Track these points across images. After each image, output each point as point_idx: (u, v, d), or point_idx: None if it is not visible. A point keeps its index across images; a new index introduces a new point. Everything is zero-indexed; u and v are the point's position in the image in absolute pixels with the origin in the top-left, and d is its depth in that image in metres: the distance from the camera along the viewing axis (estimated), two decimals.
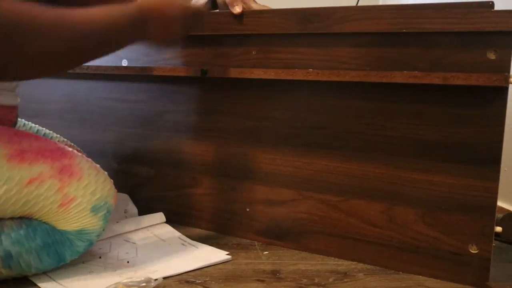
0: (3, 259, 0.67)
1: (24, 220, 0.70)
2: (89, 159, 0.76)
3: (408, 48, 0.72)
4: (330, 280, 0.74)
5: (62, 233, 0.71)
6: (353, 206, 0.80)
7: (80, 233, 0.71)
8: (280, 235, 0.87)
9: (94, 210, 0.71)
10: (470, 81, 0.67)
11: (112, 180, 0.76)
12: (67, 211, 0.70)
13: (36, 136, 0.73)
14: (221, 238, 0.91)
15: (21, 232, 0.68)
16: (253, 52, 0.84)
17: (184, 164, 0.96)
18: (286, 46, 0.81)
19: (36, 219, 0.70)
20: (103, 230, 0.74)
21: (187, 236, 0.89)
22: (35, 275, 0.71)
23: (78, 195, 0.70)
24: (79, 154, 0.75)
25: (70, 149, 0.75)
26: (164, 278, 0.71)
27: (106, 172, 0.76)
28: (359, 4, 0.86)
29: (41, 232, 0.69)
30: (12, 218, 0.69)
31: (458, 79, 0.68)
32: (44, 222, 0.71)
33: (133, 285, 0.66)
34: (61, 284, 0.69)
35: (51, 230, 0.70)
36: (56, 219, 0.70)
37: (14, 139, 0.69)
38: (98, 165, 0.76)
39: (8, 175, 0.66)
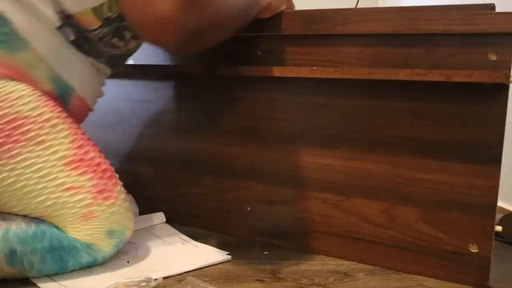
0: (8, 255, 0.67)
1: (35, 220, 0.71)
2: (124, 190, 0.77)
3: (410, 49, 0.72)
4: (330, 280, 0.74)
5: (71, 240, 0.71)
6: (354, 205, 0.80)
7: (88, 246, 0.72)
8: (281, 235, 0.87)
9: (110, 234, 0.73)
10: (472, 78, 0.67)
11: (134, 215, 0.78)
12: (85, 224, 0.71)
13: (94, 145, 0.75)
14: (221, 238, 0.90)
15: (30, 232, 0.69)
16: (258, 53, 0.84)
17: (185, 164, 0.96)
18: (291, 47, 0.81)
19: (48, 222, 0.71)
20: (110, 256, 0.75)
21: (187, 236, 0.89)
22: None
23: (102, 216, 0.71)
24: (120, 182, 0.76)
25: (115, 174, 0.76)
26: (164, 278, 0.71)
27: (137, 207, 0.76)
28: (359, 6, 0.87)
29: (50, 235, 0.70)
30: (23, 217, 0.70)
31: (460, 76, 0.68)
32: (56, 227, 0.71)
33: (133, 285, 0.66)
34: (61, 284, 0.69)
35: (60, 236, 0.71)
36: (72, 227, 0.71)
37: (77, 142, 0.71)
38: (131, 196, 0.77)
39: (55, 176, 0.68)
